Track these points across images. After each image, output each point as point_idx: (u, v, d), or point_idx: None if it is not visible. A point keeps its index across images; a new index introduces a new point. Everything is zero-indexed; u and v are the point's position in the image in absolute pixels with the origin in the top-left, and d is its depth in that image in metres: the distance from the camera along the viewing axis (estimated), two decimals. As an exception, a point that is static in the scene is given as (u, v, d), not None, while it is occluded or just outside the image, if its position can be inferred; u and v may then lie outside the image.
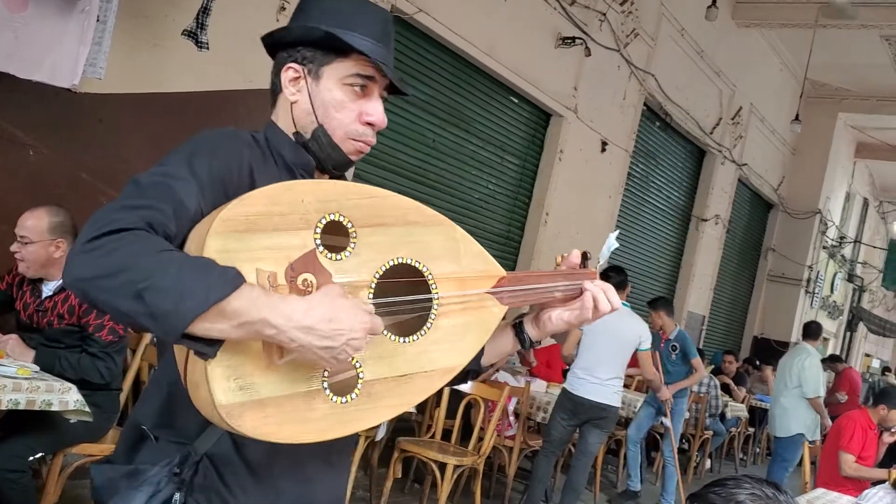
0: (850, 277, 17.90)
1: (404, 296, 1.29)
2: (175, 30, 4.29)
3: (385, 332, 1.25)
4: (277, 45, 1.43)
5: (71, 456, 3.25)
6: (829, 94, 13.67)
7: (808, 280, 14.34)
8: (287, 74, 1.40)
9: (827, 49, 11.30)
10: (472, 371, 1.51)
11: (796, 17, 10.35)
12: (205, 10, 4.16)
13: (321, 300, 1.10)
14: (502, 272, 1.41)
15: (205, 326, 1.05)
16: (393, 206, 1.29)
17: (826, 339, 16.58)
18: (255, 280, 1.12)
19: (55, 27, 3.34)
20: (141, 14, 4.24)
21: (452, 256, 1.34)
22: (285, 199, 1.17)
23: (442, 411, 4.90)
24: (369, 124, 1.41)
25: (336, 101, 1.38)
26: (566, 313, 1.50)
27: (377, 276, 1.25)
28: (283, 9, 4.89)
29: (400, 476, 4.79)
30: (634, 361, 5.64)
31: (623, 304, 5.25)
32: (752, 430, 10.34)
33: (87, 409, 2.91)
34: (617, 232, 1.60)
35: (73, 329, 3.22)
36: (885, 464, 5.29)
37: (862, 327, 19.60)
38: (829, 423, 7.26)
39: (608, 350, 5.23)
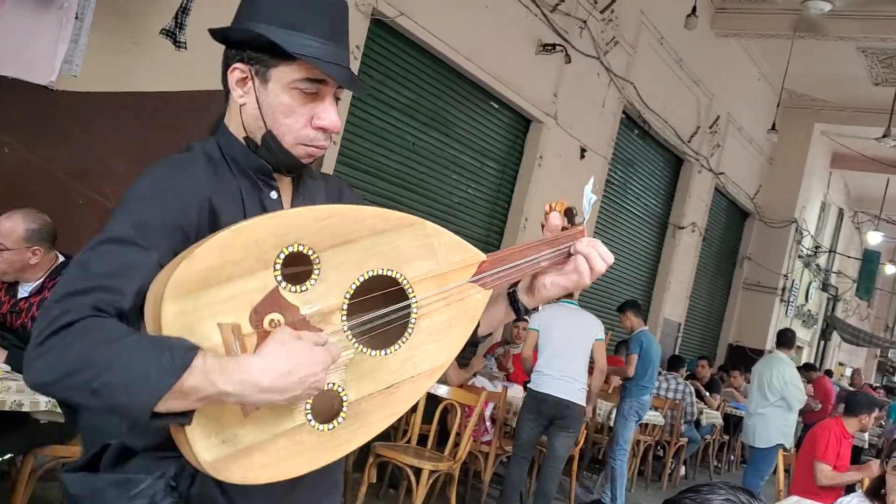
0: (825, 287, 18.09)
1: (381, 308, 1.26)
2: (154, 28, 4.25)
3: (364, 350, 1.23)
4: (224, 40, 1.37)
5: (41, 457, 3.20)
6: (806, 105, 13.82)
7: (784, 289, 14.47)
8: (234, 75, 1.35)
9: (804, 60, 11.43)
10: (467, 343, 1.48)
11: (774, 27, 10.45)
12: (184, 10, 4.12)
13: (275, 352, 1.09)
14: (482, 257, 1.37)
15: (167, 406, 1.05)
16: (355, 220, 1.24)
17: (800, 348, 16.74)
18: (220, 335, 1.10)
19: (33, 23, 3.30)
20: (119, 12, 4.20)
21: (427, 254, 1.31)
22: (237, 244, 1.13)
23: (418, 416, 4.89)
24: (321, 129, 1.34)
25: (284, 107, 1.31)
26: (561, 278, 1.45)
27: (348, 296, 1.22)
28: (264, 10, 4.88)
29: (375, 481, 4.77)
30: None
31: (572, 303, 5.37)
32: (726, 437, 10.41)
33: (58, 409, 2.88)
34: (591, 182, 1.55)
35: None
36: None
37: (836, 336, 19.80)
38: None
39: (566, 343, 5.28)
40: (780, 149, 13.85)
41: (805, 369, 11.73)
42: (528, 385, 5.39)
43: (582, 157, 8.63)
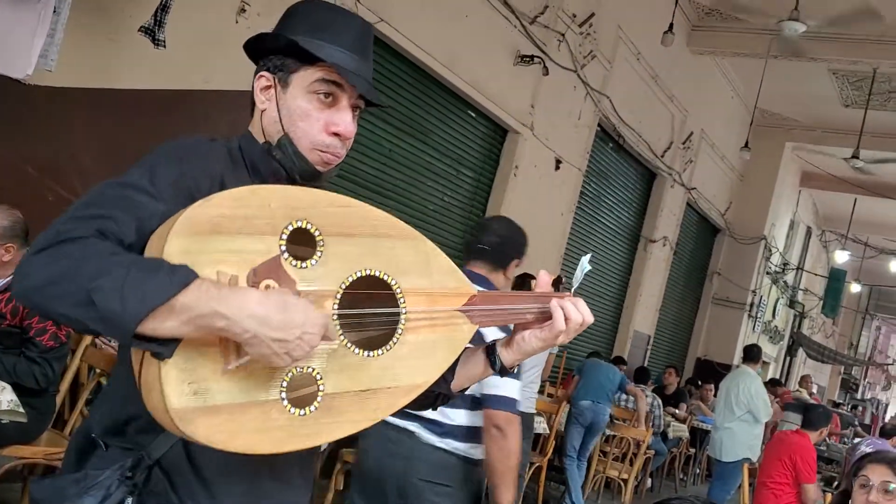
0: (792, 303, 18.31)
1: (371, 308, 1.27)
2: (131, 25, 4.22)
3: (349, 344, 1.23)
4: (256, 53, 1.43)
5: (2, 458, 3.15)
6: (778, 124, 14.01)
7: (752, 304, 14.63)
8: (259, 83, 1.40)
9: (777, 79, 11.59)
10: (441, 395, 1.48)
11: (749, 47, 10.60)
12: (164, 8, 4.09)
13: (274, 295, 1.09)
14: (473, 290, 1.38)
15: (154, 325, 1.03)
16: (363, 216, 1.26)
17: (766, 363, 16.92)
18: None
19: (11, 17, 3.25)
20: (97, 7, 4.15)
21: (422, 271, 1.31)
22: (252, 203, 1.15)
23: (387, 423, 4.87)
24: (336, 134, 1.37)
25: (301, 110, 1.36)
26: (539, 331, 1.45)
27: (343, 286, 1.22)
28: (243, 10, 4.85)
29: (342, 488, 4.74)
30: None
31: None
32: (693, 450, 10.48)
33: (21, 409, 2.83)
34: (589, 255, 1.59)
35: (13, 331, 3.12)
36: None
37: (801, 353, 20.05)
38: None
39: None
40: (752, 166, 14.02)
41: (771, 385, 11.87)
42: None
43: (557, 168, 8.67)
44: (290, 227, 1.17)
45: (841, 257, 18.16)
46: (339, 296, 1.21)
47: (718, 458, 7.02)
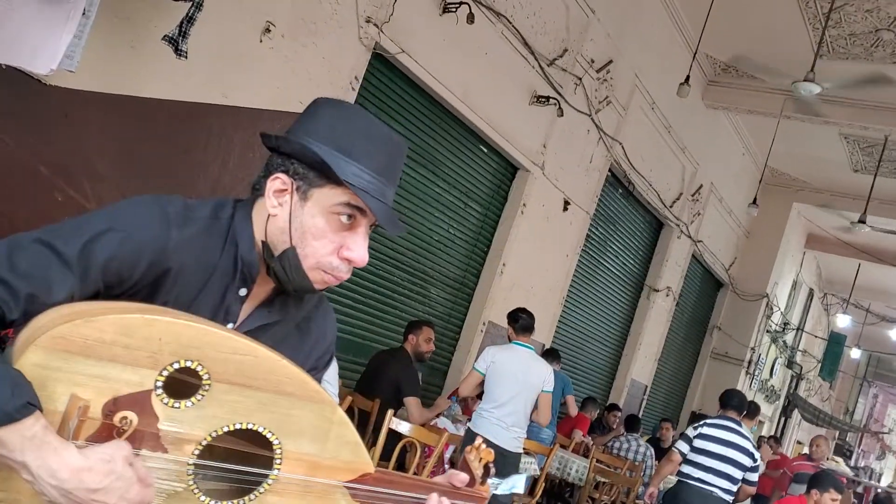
0: (790, 364, 18.23)
1: (239, 461, 1.19)
2: (155, 34, 4.26)
3: (196, 490, 1.16)
4: (274, 148, 1.34)
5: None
6: (787, 183, 14.07)
7: (750, 361, 14.56)
8: (273, 184, 1.30)
9: (789, 139, 11.66)
10: None
11: (763, 105, 10.68)
12: (189, 19, 4.13)
13: (98, 464, 1.03)
14: (369, 469, 1.28)
15: None
16: (269, 370, 1.17)
17: (761, 422, 16.80)
18: (66, 405, 1.04)
19: (36, 13, 3.29)
20: (122, 14, 4.20)
21: (318, 438, 1.23)
22: (140, 334, 1.08)
23: (377, 451, 4.82)
24: (347, 260, 1.30)
25: (317, 230, 1.28)
26: None
27: (214, 434, 1.15)
28: (268, 31, 4.90)
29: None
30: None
31: (528, 347, 5.41)
32: None
33: None
34: (529, 478, 1.54)
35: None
36: None
37: (796, 414, 19.91)
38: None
39: (510, 391, 5.32)
40: (759, 224, 14.05)
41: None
42: (468, 423, 5.46)
43: (565, 209, 8.69)
44: (177, 365, 1.10)
45: (842, 321, 18.13)
46: (204, 442, 1.15)
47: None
